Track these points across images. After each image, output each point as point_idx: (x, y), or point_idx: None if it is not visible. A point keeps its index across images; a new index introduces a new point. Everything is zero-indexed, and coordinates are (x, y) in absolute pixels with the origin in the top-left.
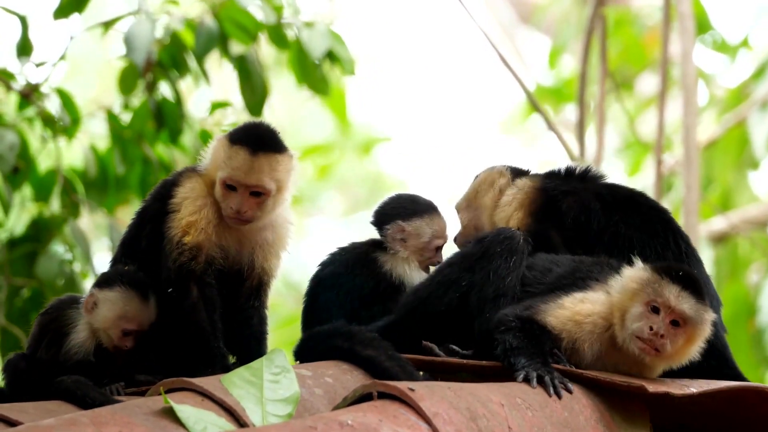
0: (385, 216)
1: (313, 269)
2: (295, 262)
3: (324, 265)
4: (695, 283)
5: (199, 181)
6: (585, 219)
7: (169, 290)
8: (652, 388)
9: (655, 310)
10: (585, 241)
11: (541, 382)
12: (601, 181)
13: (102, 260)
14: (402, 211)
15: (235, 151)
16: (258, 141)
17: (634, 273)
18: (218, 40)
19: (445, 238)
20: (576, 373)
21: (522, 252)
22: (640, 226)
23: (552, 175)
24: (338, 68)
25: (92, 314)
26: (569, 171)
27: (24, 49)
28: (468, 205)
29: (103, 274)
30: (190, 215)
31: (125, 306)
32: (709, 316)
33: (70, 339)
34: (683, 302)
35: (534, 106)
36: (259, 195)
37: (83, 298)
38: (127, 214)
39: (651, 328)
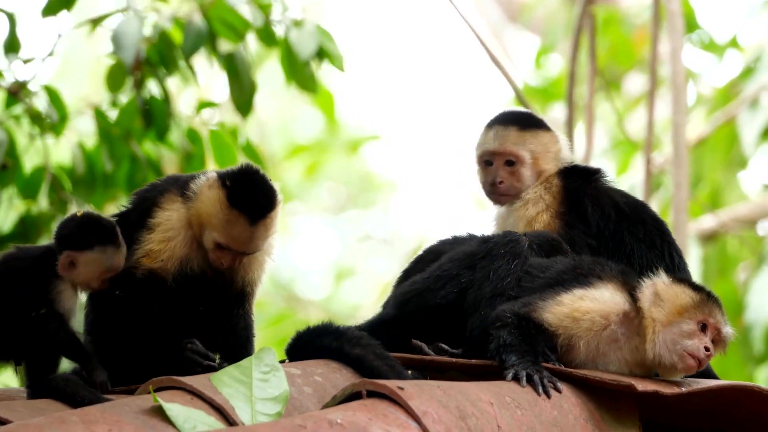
0: None
1: (301, 270)
2: (283, 262)
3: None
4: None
5: (180, 210)
6: (603, 225)
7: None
8: (641, 386)
9: (703, 329)
10: (595, 246)
11: (530, 381)
12: (611, 184)
13: None
14: None
15: (235, 217)
16: (258, 209)
17: (677, 289)
18: (207, 38)
19: None
20: (565, 372)
21: (525, 256)
22: (642, 238)
23: (570, 173)
24: (328, 63)
25: (70, 273)
26: (585, 171)
27: (12, 46)
28: (529, 156)
29: (71, 231)
30: (156, 243)
31: (106, 262)
32: None
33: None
34: (727, 326)
35: (523, 104)
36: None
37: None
38: (115, 211)
39: (707, 349)
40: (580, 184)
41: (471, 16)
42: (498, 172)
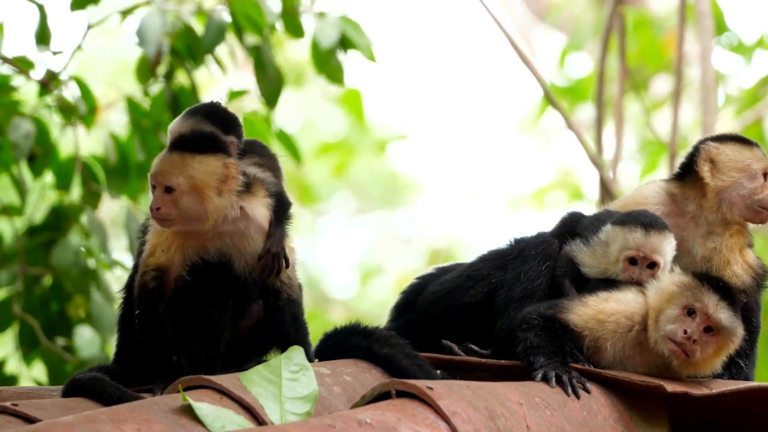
0: None
1: (327, 269)
2: (309, 261)
3: None
4: (733, 296)
5: None
6: None
7: (137, 311)
8: (670, 387)
9: (691, 314)
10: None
11: (559, 381)
12: None
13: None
14: None
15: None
16: (179, 140)
17: (674, 277)
18: (233, 30)
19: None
20: (594, 373)
21: (556, 259)
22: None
23: None
24: (359, 54)
25: None
26: None
27: (42, 37)
28: None
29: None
30: (154, 238)
31: None
32: (740, 330)
33: None
34: (721, 311)
35: (552, 103)
36: (171, 191)
37: None
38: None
39: (685, 332)
40: None
41: (498, 15)
42: None
